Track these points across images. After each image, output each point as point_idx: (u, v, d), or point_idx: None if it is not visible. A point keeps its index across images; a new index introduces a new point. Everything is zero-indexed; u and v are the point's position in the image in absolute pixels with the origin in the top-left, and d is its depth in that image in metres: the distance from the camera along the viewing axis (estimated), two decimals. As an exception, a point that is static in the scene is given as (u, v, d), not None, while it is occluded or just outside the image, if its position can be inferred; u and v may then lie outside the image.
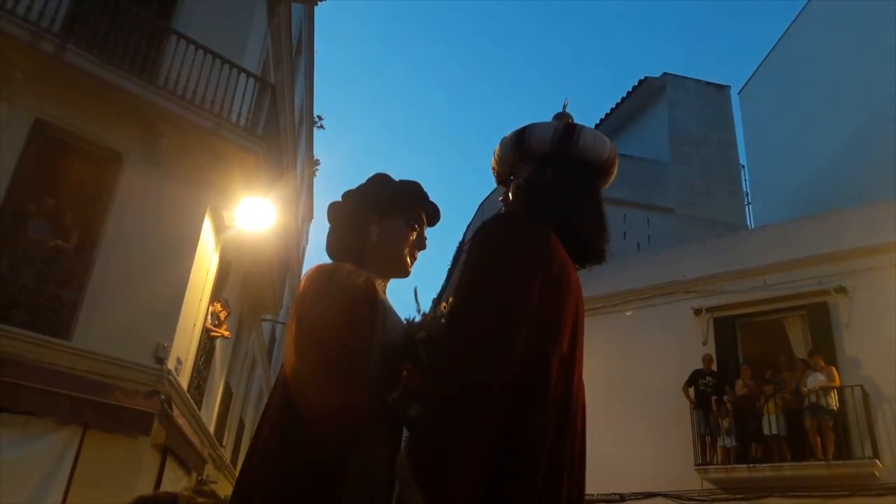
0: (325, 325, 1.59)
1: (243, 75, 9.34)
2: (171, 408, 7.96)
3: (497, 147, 1.89)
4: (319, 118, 22.34)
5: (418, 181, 2.05)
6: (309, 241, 28.23)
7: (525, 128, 1.83)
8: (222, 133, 8.66)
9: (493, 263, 1.47)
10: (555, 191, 1.73)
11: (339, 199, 2.05)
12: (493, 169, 1.94)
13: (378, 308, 1.72)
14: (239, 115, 9.11)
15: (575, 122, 1.85)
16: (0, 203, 7.23)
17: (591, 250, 1.75)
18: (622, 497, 9.97)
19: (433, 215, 2.03)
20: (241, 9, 10.30)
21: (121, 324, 7.62)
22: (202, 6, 9.57)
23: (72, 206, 8.01)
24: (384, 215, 1.95)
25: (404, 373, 1.65)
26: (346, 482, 1.50)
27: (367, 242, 1.92)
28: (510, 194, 1.83)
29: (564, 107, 1.94)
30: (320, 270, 1.77)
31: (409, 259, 1.94)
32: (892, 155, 12.93)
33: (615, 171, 1.85)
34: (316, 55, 19.25)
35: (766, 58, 18.80)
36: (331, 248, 2.00)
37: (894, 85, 13.37)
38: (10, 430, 6.54)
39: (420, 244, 1.99)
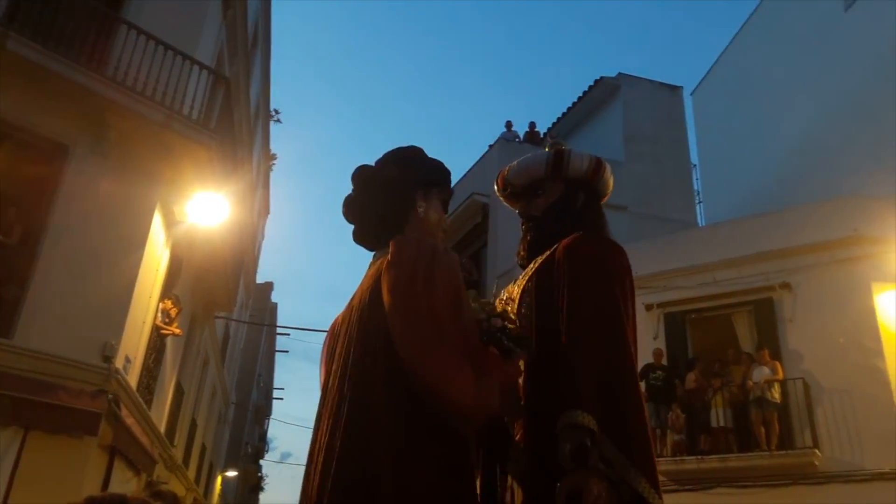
0: (442, 313, 1.51)
1: (196, 67, 9.17)
2: (119, 407, 7.79)
3: (520, 161, 2.21)
4: (276, 112, 22.09)
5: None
6: (265, 237, 27.90)
7: (563, 151, 2.16)
8: (174, 126, 8.49)
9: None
10: (586, 213, 2.11)
11: (369, 164, 1.92)
12: (506, 178, 2.24)
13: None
14: (192, 107, 8.94)
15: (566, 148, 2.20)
16: (-63, 196, 6.96)
17: None
18: (575, 489, 10.11)
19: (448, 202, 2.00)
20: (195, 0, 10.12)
21: (66, 322, 7.42)
22: (153, -4, 9.35)
23: (14, 199, 7.73)
24: (427, 191, 1.88)
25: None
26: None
27: (412, 216, 1.82)
28: (538, 206, 2.13)
29: (554, 137, 2.29)
30: (420, 245, 1.62)
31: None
32: (834, 156, 13.38)
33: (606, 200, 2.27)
34: (273, 49, 19.02)
35: (717, 59, 19.22)
36: (364, 216, 1.85)
37: (840, 88, 13.84)
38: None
39: (445, 227, 1.93)
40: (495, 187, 2.35)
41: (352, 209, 1.87)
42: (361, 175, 1.88)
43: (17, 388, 6.72)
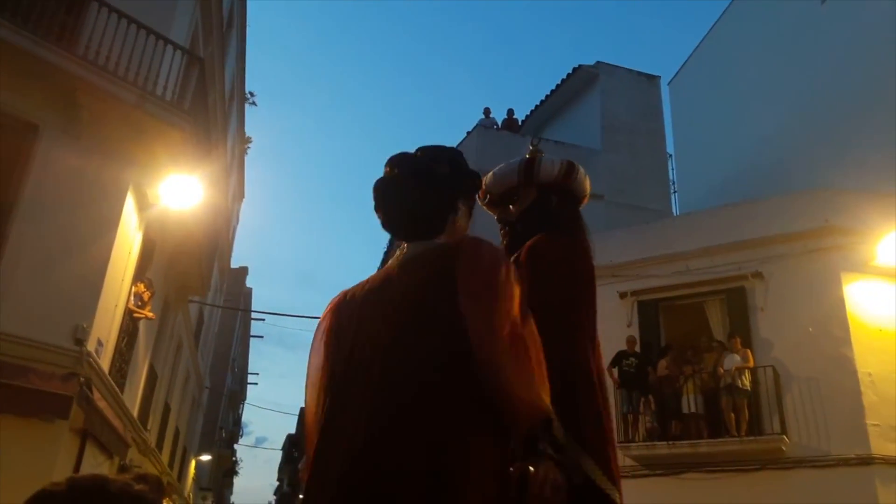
0: (519, 322, 1.55)
1: (170, 47, 9.01)
2: (90, 391, 7.69)
3: (495, 170, 2.33)
4: (251, 94, 21.82)
5: None
6: (240, 221, 27.64)
7: (533, 158, 2.28)
8: (146, 107, 8.33)
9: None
10: (560, 216, 2.20)
11: (412, 154, 1.86)
12: (485, 188, 2.32)
13: None
14: (165, 88, 8.78)
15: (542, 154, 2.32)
16: None
17: None
18: (547, 474, 10.22)
19: None
20: (167, -23, 9.91)
21: (37, 304, 7.30)
22: (125, -27, 9.14)
23: (-18, 179, 7.56)
24: (467, 198, 1.87)
25: None
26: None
27: (450, 219, 1.80)
28: (512, 211, 2.26)
29: (537, 143, 2.46)
30: (499, 253, 1.66)
31: None
32: (806, 148, 13.59)
33: (586, 201, 2.37)
34: (248, 30, 18.76)
35: (694, 50, 19.35)
36: (404, 205, 1.80)
37: (814, 81, 14.02)
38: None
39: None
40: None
41: (391, 194, 1.81)
42: (410, 164, 1.83)
43: (-15, 371, 6.60)
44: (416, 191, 1.78)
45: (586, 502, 1.71)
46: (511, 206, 2.30)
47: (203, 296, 16.00)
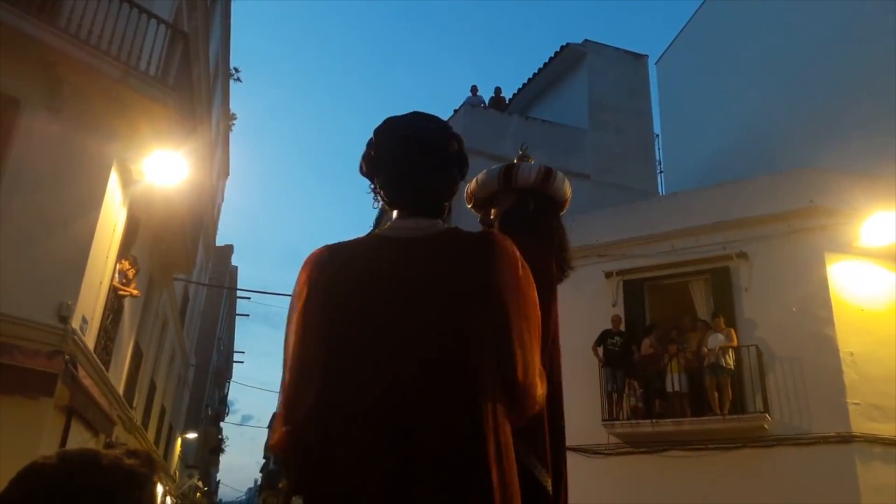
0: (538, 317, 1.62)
1: (154, 21, 8.86)
2: (76, 368, 7.65)
3: (479, 176, 2.37)
4: (236, 70, 21.55)
5: None
6: (225, 198, 27.43)
7: (512, 164, 2.35)
8: (130, 82, 8.20)
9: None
10: (538, 219, 2.29)
11: (432, 126, 1.77)
12: (471, 192, 2.40)
13: None
14: (149, 63, 8.65)
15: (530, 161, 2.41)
16: None
17: (563, 269, 2.29)
18: (533, 451, 10.32)
19: None
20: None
21: (20, 281, 7.22)
22: (108, -56, 8.94)
23: (-38, 154, 7.43)
24: (460, 181, 1.81)
25: None
26: None
27: (446, 203, 1.76)
28: (493, 216, 2.32)
29: (524, 149, 2.50)
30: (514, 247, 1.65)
31: None
32: (792, 129, 13.65)
33: (568, 205, 2.43)
34: (233, 4, 18.47)
35: (682, 29, 19.29)
36: (426, 184, 1.73)
37: (800, 61, 14.05)
38: None
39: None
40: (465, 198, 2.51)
41: (408, 158, 1.72)
42: (425, 131, 1.74)
43: (-32, 349, 6.55)
44: (433, 163, 1.73)
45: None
46: (492, 209, 2.38)
47: (188, 273, 15.91)
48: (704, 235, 10.88)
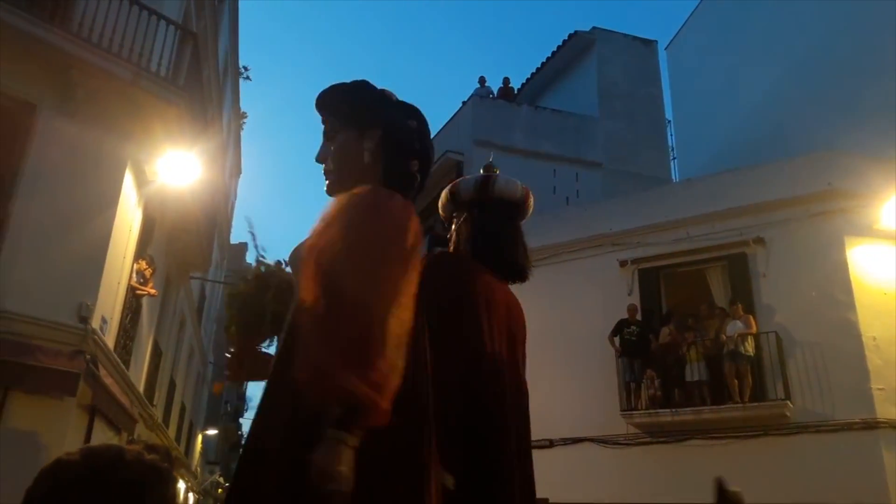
0: None
1: (163, 23, 8.90)
2: (97, 368, 7.74)
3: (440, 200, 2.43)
4: (245, 69, 21.63)
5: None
6: (237, 197, 27.55)
7: (456, 183, 2.39)
8: (141, 83, 8.26)
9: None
10: (480, 227, 2.28)
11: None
12: (441, 213, 2.46)
13: None
14: (159, 64, 8.70)
15: (496, 173, 2.42)
16: None
17: (512, 268, 2.29)
18: (551, 443, 10.32)
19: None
20: (159, -50, 9.74)
21: (40, 283, 7.30)
22: (116, -53, 8.99)
23: (-20, 160, 7.53)
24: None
25: None
26: None
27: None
28: (451, 234, 2.35)
29: (490, 161, 2.51)
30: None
31: None
32: (807, 111, 13.48)
33: (531, 204, 2.42)
34: (240, 3, 18.49)
35: (692, 13, 19.09)
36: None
37: (814, 42, 13.86)
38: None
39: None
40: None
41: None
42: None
43: (-9, 350, 6.64)
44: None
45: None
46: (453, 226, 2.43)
47: (204, 272, 16.01)
48: (720, 221, 10.77)
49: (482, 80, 17.86)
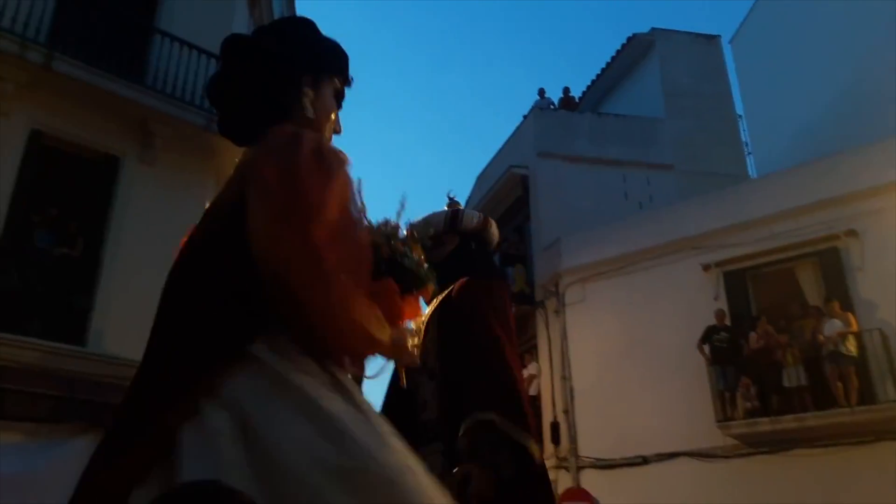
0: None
1: (229, 67, 9.26)
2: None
3: (425, 217, 2.61)
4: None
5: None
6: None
7: (457, 210, 2.75)
8: (215, 128, 8.57)
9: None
10: (480, 258, 2.70)
11: (247, 35, 1.56)
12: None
13: None
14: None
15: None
16: (5, 215, 7.24)
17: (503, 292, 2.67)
18: (645, 460, 9.99)
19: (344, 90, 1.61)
20: (221, 1, 10.20)
21: (133, 325, 7.53)
22: (182, 2, 9.46)
23: (74, 212, 8.00)
24: (318, 77, 1.50)
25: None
26: None
27: (296, 106, 1.46)
28: (441, 254, 2.56)
29: (451, 198, 2.83)
30: (306, 139, 1.33)
31: None
32: (890, 93, 12.78)
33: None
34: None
35: (754, 4, 18.54)
36: (233, 97, 1.49)
37: (889, 20, 13.18)
38: (34, 438, 6.58)
39: (337, 128, 1.59)
40: None
41: (218, 88, 1.51)
42: (234, 45, 1.50)
43: (94, 393, 6.94)
44: (241, 78, 1.48)
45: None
46: (438, 249, 2.60)
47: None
48: (806, 216, 10.29)
49: (541, 92, 17.78)
